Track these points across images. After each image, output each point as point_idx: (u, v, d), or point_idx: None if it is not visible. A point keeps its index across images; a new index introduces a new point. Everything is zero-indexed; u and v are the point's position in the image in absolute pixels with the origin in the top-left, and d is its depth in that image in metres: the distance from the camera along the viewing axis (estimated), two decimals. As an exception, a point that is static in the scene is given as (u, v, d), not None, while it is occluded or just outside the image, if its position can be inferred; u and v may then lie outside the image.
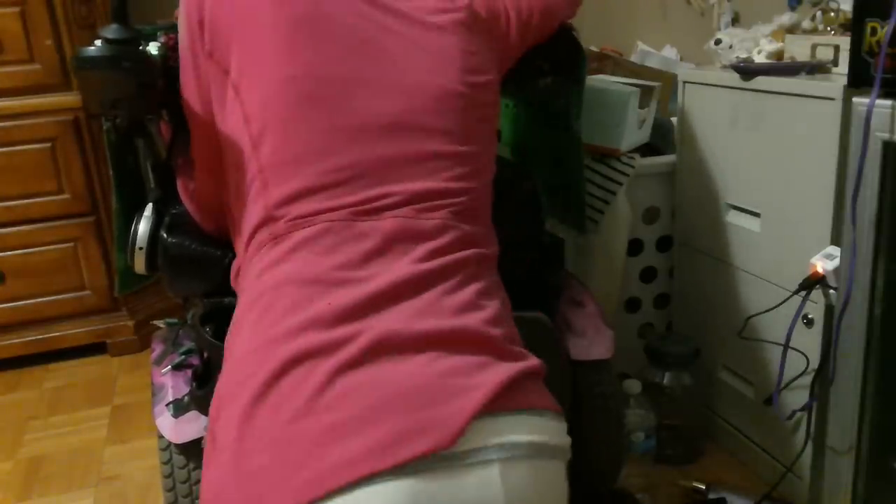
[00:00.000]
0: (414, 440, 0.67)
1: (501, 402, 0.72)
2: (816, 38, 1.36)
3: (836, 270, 1.19)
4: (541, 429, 0.75)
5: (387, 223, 0.82)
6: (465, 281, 0.82)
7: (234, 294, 1.07)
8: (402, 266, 0.80)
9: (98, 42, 0.92)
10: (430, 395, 0.70)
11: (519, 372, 0.75)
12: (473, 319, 0.78)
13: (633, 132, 1.57)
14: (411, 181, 0.86)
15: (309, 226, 0.82)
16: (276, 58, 0.89)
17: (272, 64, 0.88)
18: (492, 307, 0.81)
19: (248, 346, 0.77)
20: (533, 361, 0.79)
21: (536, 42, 1.20)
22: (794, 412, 1.36)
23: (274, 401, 0.71)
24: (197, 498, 1.12)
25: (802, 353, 1.32)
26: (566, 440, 0.79)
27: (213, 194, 1.04)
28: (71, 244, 2.14)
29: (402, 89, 0.90)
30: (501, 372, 0.74)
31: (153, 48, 1.02)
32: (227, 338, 0.84)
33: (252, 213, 0.87)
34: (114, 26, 0.92)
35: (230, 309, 1.06)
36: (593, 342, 1.19)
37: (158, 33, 1.07)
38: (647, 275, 1.72)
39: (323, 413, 0.69)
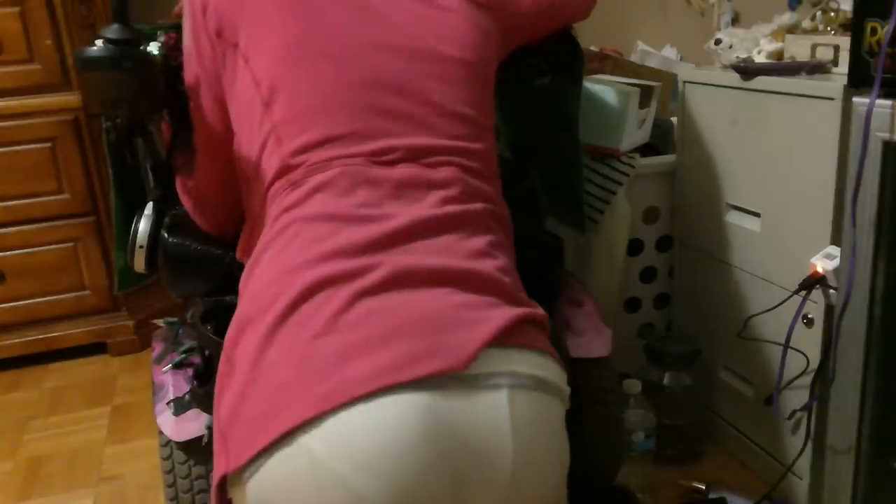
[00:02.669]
0: (430, 359, 0.71)
1: (510, 337, 0.76)
2: (816, 38, 1.36)
3: (836, 270, 1.19)
4: (545, 367, 0.78)
5: (398, 171, 0.86)
6: (478, 231, 0.85)
7: (234, 293, 1.07)
8: (418, 209, 0.83)
9: (99, 42, 0.92)
10: (444, 322, 0.74)
11: (527, 314, 0.79)
12: (486, 265, 0.82)
13: (633, 132, 1.57)
14: (416, 136, 0.89)
15: (326, 170, 0.85)
16: (281, 20, 0.92)
17: (278, 26, 0.92)
18: (503, 258, 0.85)
19: (268, 275, 0.80)
20: (539, 310, 0.83)
21: (545, 33, 1.20)
22: (794, 412, 1.36)
23: (294, 323, 0.74)
24: (197, 494, 1.12)
25: (802, 353, 1.32)
26: (567, 387, 0.82)
27: (215, 184, 1.05)
28: (71, 244, 2.15)
29: (406, 53, 0.93)
30: (510, 312, 0.78)
31: (154, 48, 1.02)
32: (243, 277, 0.86)
33: (268, 168, 0.89)
34: (114, 26, 0.92)
35: (230, 307, 1.06)
36: (592, 340, 1.20)
37: (159, 33, 1.07)
38: (647, 275, 1.72)
39: (343, 332, 0.72)
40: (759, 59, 1.44)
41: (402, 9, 0.96)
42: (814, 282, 1.24)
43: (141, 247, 1.11)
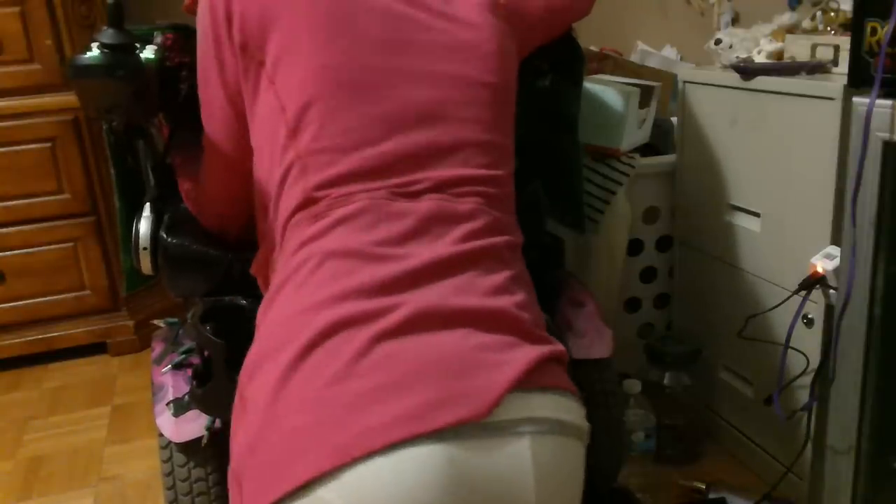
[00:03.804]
0: (451, 408, 0.69)
1: (531, 380, 0.74)
2: (816, 38, 1.36)
3: (836, 270, 1.18)
4: (566, 408, 0.77)
5: (423, 204, 0.84)
6: (498, 266, 0.84)
7: (233, 293, 1.07)
8: (440, 246, 0.81)
9: (93, 46, 0.92)
10: (465, 367, 0.72)
11: (547, 354, 0.78)
12: (506, 302, 0.80)
13: (633, 132, 1.56)
14: (444, 168, 0.87)
15: (348, 204, 0.83)
16: (313, 47, 0.89)
17: (309, 53, 0.89)
18: (522, 293, 0.84)
19: (286, 312, 0.78)
20: (558, 346, 0.81)
21: (550, 39, 1.20)
22: (794, 412, 1.36)
23: (312, 365, 0.72)
24: (197, 496, 1.12)
25: (802, 353, 1.32)
26: (586, 424, 0.81)
27: (227, 195, 1.04)
28: (71, 244, 2.15)
29: (434, 80, 0.91)
30: (531, 352, 0.76)
31: (149, 52, 1.02)
32: (260, 309, 0.84)
33: (290, 198, 0.87)
34: (109, 31, 0.92)
35: (230, 308, 1.06)
36: (594, 342, 1.20)
37: (156, 33, 1.07)
38: (647, 275, 1.72)
39: (361, 377, 0.70)
40: (759, 59, 1.44)
41: (433, 30, 0.94)
42: (814, 282, 1.23)
43: (145, 248, 1.11)
